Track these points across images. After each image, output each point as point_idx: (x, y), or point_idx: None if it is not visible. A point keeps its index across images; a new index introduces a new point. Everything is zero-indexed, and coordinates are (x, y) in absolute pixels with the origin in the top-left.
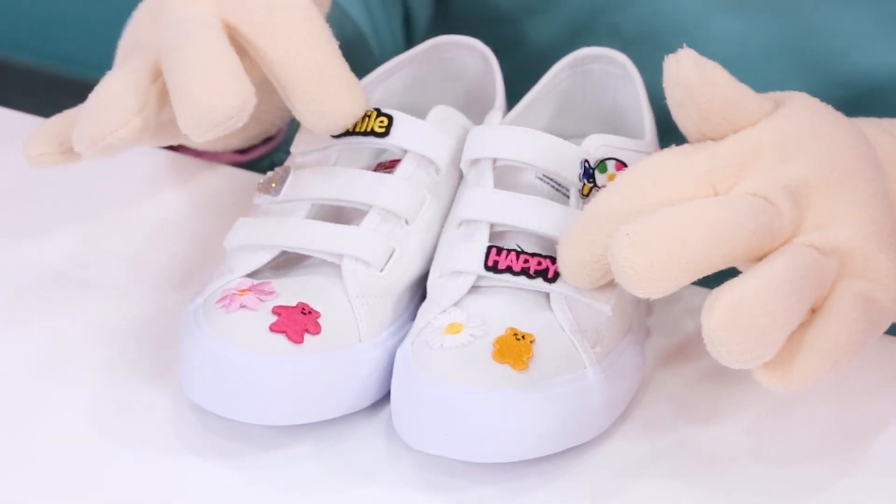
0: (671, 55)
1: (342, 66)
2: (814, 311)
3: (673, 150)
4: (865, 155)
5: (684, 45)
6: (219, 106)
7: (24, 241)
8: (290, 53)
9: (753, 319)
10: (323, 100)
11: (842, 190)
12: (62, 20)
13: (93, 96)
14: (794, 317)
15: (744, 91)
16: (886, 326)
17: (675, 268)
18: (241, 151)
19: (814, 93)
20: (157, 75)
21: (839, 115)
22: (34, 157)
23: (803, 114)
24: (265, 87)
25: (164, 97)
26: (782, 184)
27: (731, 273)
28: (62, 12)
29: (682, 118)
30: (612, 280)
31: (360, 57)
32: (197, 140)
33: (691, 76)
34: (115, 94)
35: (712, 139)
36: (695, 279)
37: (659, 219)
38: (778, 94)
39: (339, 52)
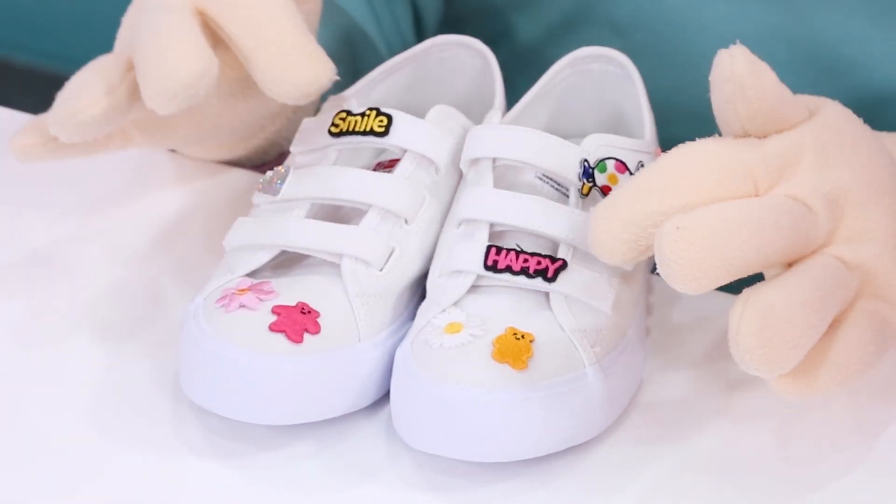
0: (724, 50)
1: (304, 36)
2: (831, 324)
3: (718, 140)
4: (895, 175)
5: (737, 41)
6: (177, 72)
7: (25, 240)
8: (251, 26)
9: (781, 333)
10: (283, 66)
11: (875, 207)
12: (62, 20)
13: (67, 84)
14: (818, 333)
15: (786, 93)
16: (895, 346)
17: (719, 267)
18: (257, 168)
19: (807, 82)
20: (132, 67)
21: (868, 129)
22: (19, 148)
23: (840, 123)
24: (260, 92)
25: (137, 87)
26: (824, 191)
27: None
28: (62, 12)
29: (728, 114)
30: (614, 277)
31: (368, 60)
32: (162, 112)
33: (745, 73)
34: (86, 78)
35: (753, 137)
36: (734, 279)
37: (708, 215)
38: (809, 99)
39: (302, 25)
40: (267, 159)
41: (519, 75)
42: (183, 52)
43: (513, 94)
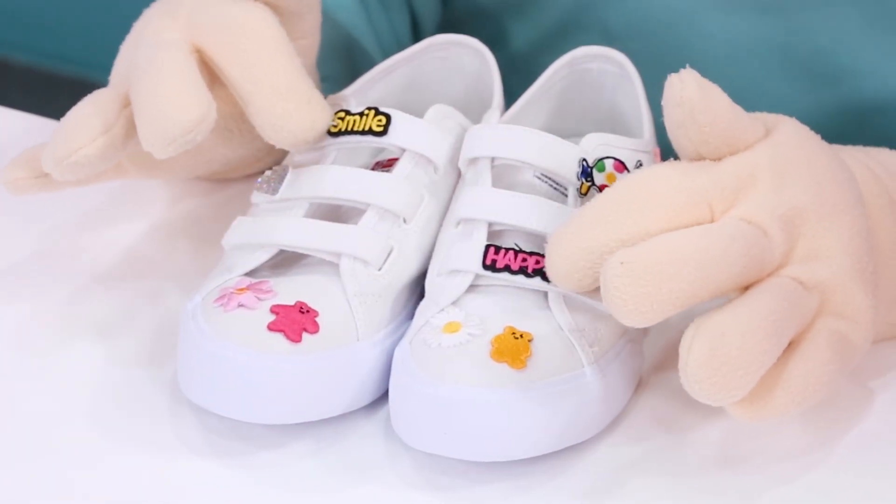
0: (674, 75)
1: (301, 81)
2: (790, 344)
3: (673, 165)
4: (854, 191)
5: (687, 65)
6: (175, 119)
7: (24, 239)
8: (249, 70)
9: (731, 361)
10: (280, 114)
11: (832, 224)
12: (62, 20)
13: (62, 121)
14: (771, 358)
15: (740, 113)
16: (855, 363)
17: (664, 301)
18: None
19: (800, 90)
20: (128, 102)
21: (826, 146)
22: (10, 182)
23: (797, 142)
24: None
25: (133, 123)
26: (779, 213)
27: None
28: (62, 12)
29: (681, 139)
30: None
31: (365, 64)
32: (159, 156)
33: (695, 98)
34: (82, 116)
35: (708, 159)
36: (684, 309)
37: (653, 249)
38: (767, 117)
39: (300, 69)
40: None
41: (513, 81)
42: (181, 97)
43: (508, 99)
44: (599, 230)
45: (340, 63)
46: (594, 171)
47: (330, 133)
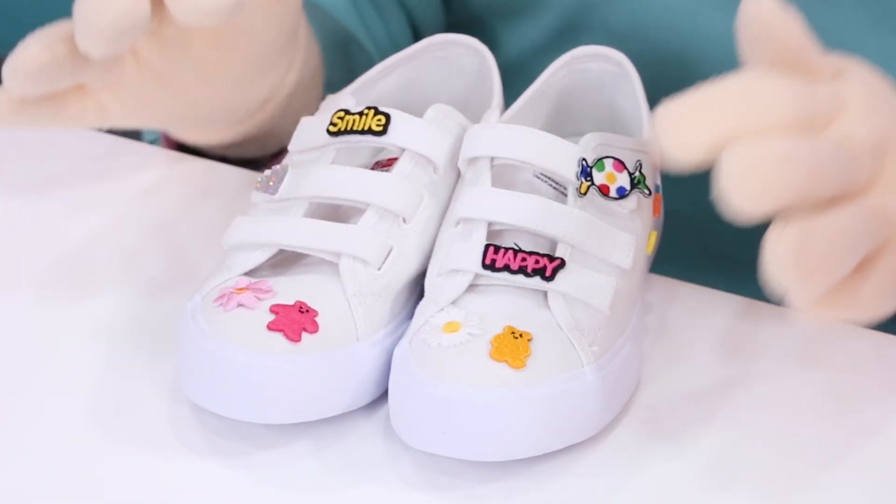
0: None
1: None
2: (861, 264)
3: (781, 75)
4: None
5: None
6: (101, 11)
7: (22, 239)
8: None
9: (816, 258)
10: None
11: None
12: (61, 20)
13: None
14: (850, 263)
15: (812, 40)
16: None
17: (776, 194)
18: (252, 164)
19: None
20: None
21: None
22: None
23: (876, 79)
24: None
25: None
26: (870, 143)
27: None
28: (62, 12)
29: (755, 56)
30: (611, 276)
31: (364, 64)
32: (94, 53)
33: (772, 14)
34: (32, 36)
35: None
36: (784, 207)
37: (774, 143)
38: (835, 57)
39: None
40: (267, 151)
41: (516, 83)
42: None
43: (508, 99)
44: (726, 112)
45: (338, 54)
46: (594, 171)
47: (329, 132)
